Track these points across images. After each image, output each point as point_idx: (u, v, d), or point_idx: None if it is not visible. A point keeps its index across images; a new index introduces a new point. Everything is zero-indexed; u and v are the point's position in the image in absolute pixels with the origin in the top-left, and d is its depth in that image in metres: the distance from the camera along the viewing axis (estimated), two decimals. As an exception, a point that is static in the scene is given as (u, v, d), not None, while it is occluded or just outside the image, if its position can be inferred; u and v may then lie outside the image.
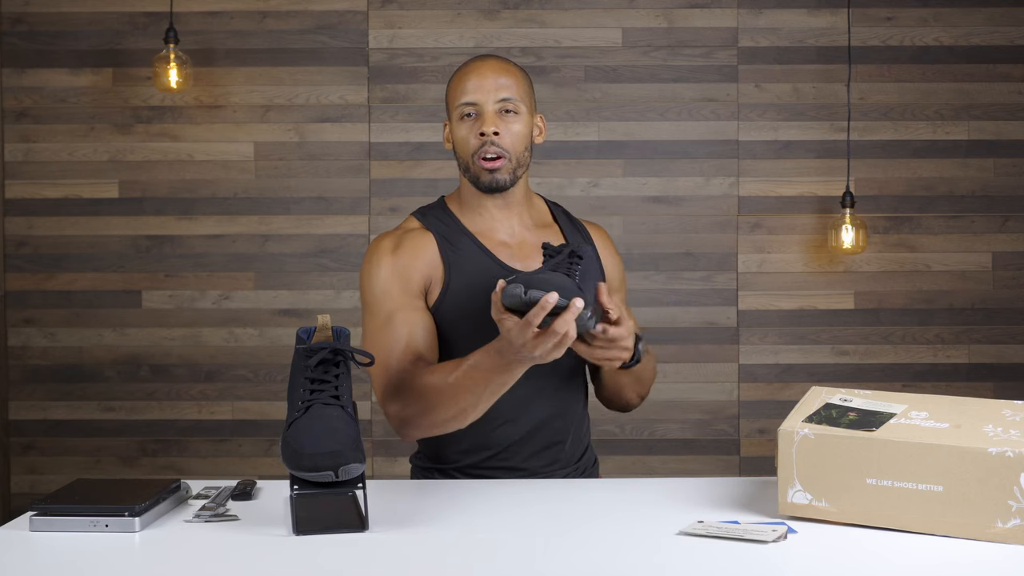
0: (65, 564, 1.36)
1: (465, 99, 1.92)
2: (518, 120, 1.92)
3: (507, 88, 1.91)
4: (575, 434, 1.98)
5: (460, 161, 1.95)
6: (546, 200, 2.07)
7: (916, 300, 3.57)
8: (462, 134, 1.93)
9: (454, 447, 1.94)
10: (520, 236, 1.96)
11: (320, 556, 1.37)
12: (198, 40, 3.53)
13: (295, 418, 1.51)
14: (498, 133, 1.89)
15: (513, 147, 1.91)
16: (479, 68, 1.93)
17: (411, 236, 1.94)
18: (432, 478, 1.97)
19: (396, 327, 1.86)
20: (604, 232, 2.11)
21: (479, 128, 1.90)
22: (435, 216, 1.98)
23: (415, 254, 1.91)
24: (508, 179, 1.91)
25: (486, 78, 1.91)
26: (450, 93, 1.97)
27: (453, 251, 1.92)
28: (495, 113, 1.90)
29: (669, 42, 3.56)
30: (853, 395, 1.57)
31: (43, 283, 3.56)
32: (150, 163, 3.55)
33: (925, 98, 3.56)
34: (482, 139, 1.89)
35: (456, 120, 1.94)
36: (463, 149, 1.93)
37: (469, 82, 1.92)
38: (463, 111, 1.92)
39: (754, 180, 3.56)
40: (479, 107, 1.91)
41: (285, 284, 3.56)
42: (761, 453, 3.55)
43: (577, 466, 1.98)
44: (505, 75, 1.92)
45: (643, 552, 1.39)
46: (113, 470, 3.54)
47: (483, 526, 1.53)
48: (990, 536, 1.39)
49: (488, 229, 1.96)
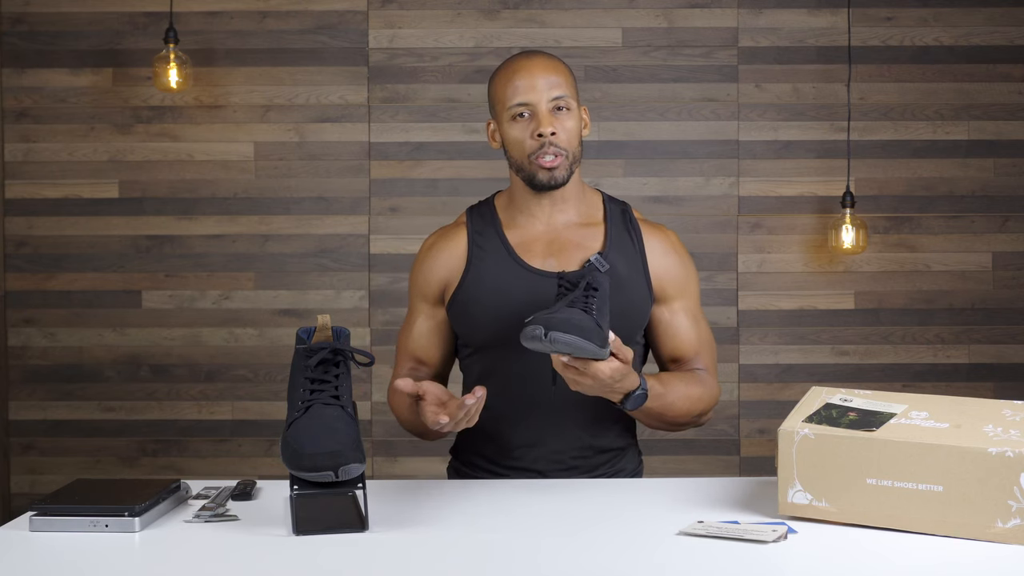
0: (65, 564, 1.36)
1: (518, 99, 1.88)
2: (570, 116, 1.90)
3: (558, 86, 1.89)
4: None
5: (513, 161, 1.92)
6: (607, 196, 2.02)
7: (916, 300, 3.56)
8: (516, 135, 1.90)
9: (474, 446, 1.99)
10: (559, 234, 1.94)
11: (320, 556, 1.37)
12: (198, 40, 3.53)
13: (295, 418, 1.51)
14: (555, 133, 1.87)
15: (569, 144, 1.89)
16: (528, 67, 1.90)
17: (447, 235, 2.00)
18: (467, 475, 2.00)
19: (411, 327, 2.00)
20: (666, 235, 2.00)
21: (535, 129, 1.87)
22: (479, 213, 2.00)
23: (441, 256, 1.97)
24: (566, 175, 1.90)
25: (537, 77, 1.89)
26: (497, 92, 1.93)
27: (479, 249, 1.94)
28: (549, 112, 1.88)
29: (669, 42, 3.56)
30: (853, 395, 1.57)
31: (43, 283, 3.56)
32: (150, 163, 3.55)
33: (925, 98, 3.56)
34: (540, 140, 1.87)
35: (507, 121, 1.90)
36: (518, 150, 1.90)
37: (520, 81, 1.89)
38: (515, 111, 1.89)
39: (754, 180, 3.56)
40: (533, 107, 1.88)
41: (285, 284, 3.56)
42: (761, 453, 3.55)
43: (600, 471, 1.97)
44: (555, 73, 1.90)
45: (643, 552, 1.39)
46: (113, 470, 3.54)
47: (483, 526, 1.53)
48: (990, 536, 1.39)
49: (527, 226, 1.95)
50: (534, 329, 1.59)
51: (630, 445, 2.00)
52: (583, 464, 1.92)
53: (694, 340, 1.96)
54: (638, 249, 1.95)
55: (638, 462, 2.02)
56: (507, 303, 1.87)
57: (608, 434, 1.93)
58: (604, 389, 1.69)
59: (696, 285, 2.00)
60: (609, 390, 1.70)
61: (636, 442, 2.02)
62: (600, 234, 1.95)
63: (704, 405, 1.92)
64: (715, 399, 1.95)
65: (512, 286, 1.89)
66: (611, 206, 1.99)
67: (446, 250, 1.97)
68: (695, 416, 1.91)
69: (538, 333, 1.58)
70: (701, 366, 1.95)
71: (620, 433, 1.96)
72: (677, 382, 1.88)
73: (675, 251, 1.98)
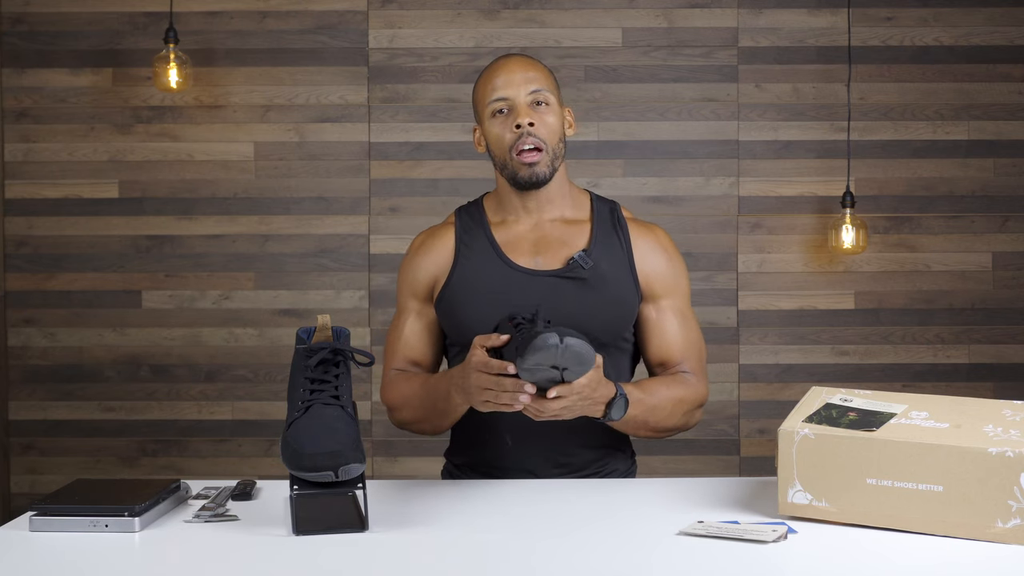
0: (65, 564, 1.36)
1: (496, 95, 1.91)
2: (550, 112, 1.91)
3: (536, 80, 1.91)
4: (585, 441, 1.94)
5: (496, 160, 1.94)
6: (596, 196, 2.02)
7: (916, 300, 3.56)
8: (496, 131, 1.91)
9: (466, 447, 2.00)
10: (545, 232, 1.95)
11: (320, 556, 1.37)
12: (198, 40, 3.53)
13: (295, 418, 1.52)
14: (533, 124, 1.88)
15: (549, 138, 1.90)
16: (506, 64, 1.94)
17: (436, 233, 2.01)
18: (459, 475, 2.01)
19: (401, 327, 2.00)
20: (655, 233, 2.00)
21: (513, 121, 1.89)
22: (468, 212, 2.01)
23: (429, 254, 1.99)
24: (547, 172, 1.90)
25: (514, 73, 1.91)
26: (478, 94, 1.96)
27: (466, 247, 1.95)
28: (527, 105, 1.90)
29: (669, 42, 3.56)
30: (853, 395, 1.57)
31: (43, 283, 3.56)
32: (150, 163, 3.55)
33: (925, 98, 3.56)
34: (518, 132, 1.88)
35: (488, 119, 1.93)
36: (499, 146, 1.92)
37: (498, 79, 1.91)
38: (495, 108, 1.91)
39: (754, 180, 3.56)
40: (511, 101, 1.90)
41: (285, 284, 3.56)
42: (761, 453, 3.55)
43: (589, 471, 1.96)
44: (532, 69, 1.93)
45: (643, 552, 1.39)
46: (113, 470, 3.54)
47: (483, 526, 1.53)
48: (990, 536, 1.39)
49: (514, 225, 1.96)
50: (548, 337, 1.52)
51: (622, 445, 1.99)
52: (575, 463, 1.92)
53: (681, 340, 1.95)
54: (625, 247, 1.95)
55: (631, 462, 2.02)
56: (493, 301, 1.87)
57: (599, 433, 1.92)
58: (584, 403, 1.68)
59: (686, 285, 1.99)
60: (590, 402, 1.68)
61: (629, 442, 2.02)
62: (586, 232, 1.95)
63: (689, 406, 1.90)
64: (702, 400, 1.94)
65: (498, 284, 1.90)
66: (599, 205, 2.00)
67: (434, 248, 1.99)
68: (681, 417, 1.89)
69: (554, 341, 1.53)
70: (687, 368, 1.94)
71: (611, 433, 1.95)
72: (657, 385, 1.87)
73: (663, 249, 1.99)
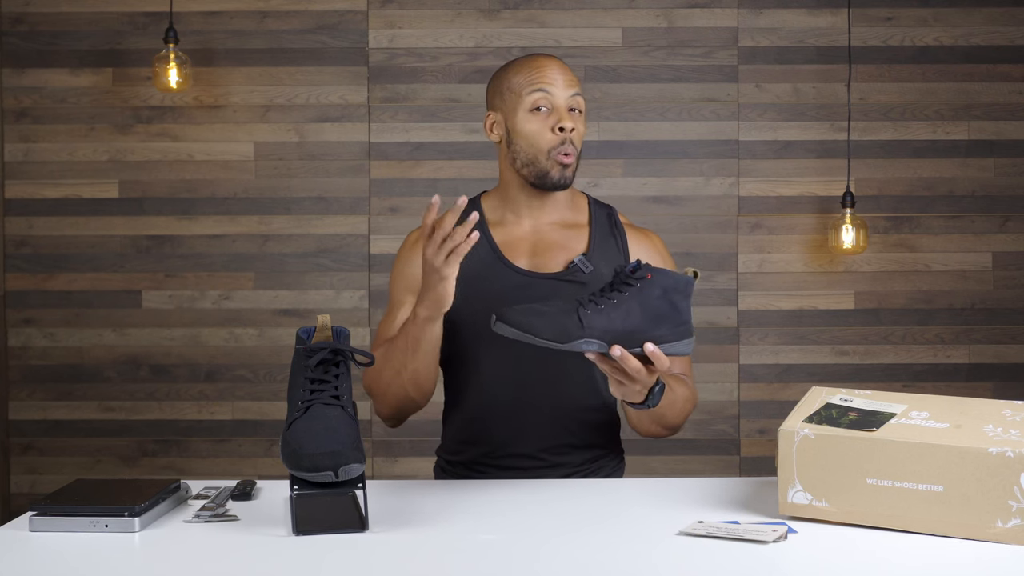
0: (65, 564, 1.36)
1: (539, 86, 1.86)
2: (582, 119, 1.91)
3: (575, 85, 1.90)
4: None
5: (522, 155, 1.90)
6: (593, 199, 2.02)
7: (916, 300, 3.56)
8: (533, 127, 1.87)
9: (458, 445, 1.99)
10: (544, 235, 1.94)
11: (320, 556, 1.37)
12: (198, 40, 3.53)
13: (295, 418, 1.51)
14: (574, 130, 1.87)
15: (579, 144, 1.90)
16: (549, 63, 1.90)
17: None
18: (453, 475, 2.00)
19: (394, 322, 1.95)
20: (651, 239, 2.01)
21: (555, 122, 1.86)
22: (465, 209, 1.99)
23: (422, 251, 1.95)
24: (572, 177, 1.91)
25: (557, 74, 1.89)
26: (513, 80, 1.90)
27: None
28: (568, 110, 1.88)
29: (669, 42, 3.56)
30: (853, 395, 1.57)
31: (43, 283, 3.56)
32: (150, 163, 3.55)
33: (925, 98, 3.56)
34: (561, 135, 1.86)
35: (524, 110, 1.88)
36: (532, 143, 1.88)
37: (543, 73, 1.88)
38: (535, 100, 1.86)
39: (754, 180, 3.56)
40: (553, 99, 1.87)
41: (285, 284, 3.56)
42: (761, 453, 3.55)
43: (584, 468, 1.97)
44: (571, 73, 1.92)
45: (643, 552, 1.39)
46: (113, 470, 3.54)
47: (483, 526, 1.53)
48: (990, 536, 1.39)
49: (513, 226, 1.95)
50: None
51: (611, 444, 1.99)
52: (565, 462, 1.92)
53: None
54: (622, 252, 1.96)
55: (619, 461, 2.02)
56: (489, 302, 1.86)
57: (588, 432, 1.93)
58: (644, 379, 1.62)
59: None
60: (640, 387, 1.63)
61: (619, 441, 2.02)
62: (584, 236, 1.96)
63: (691, 406, 1.93)
64: (696, 402, 1.96)
65: (495, 285, 1.90)
66: (596, 209, 2.00)
67: None
68: (684, 416, 1.91)
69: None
70: (678, 371, 1.95)
71: (601, 431, 1.95)
72: (673, 382, 1.87)
73: (659, 254, 1.99)
